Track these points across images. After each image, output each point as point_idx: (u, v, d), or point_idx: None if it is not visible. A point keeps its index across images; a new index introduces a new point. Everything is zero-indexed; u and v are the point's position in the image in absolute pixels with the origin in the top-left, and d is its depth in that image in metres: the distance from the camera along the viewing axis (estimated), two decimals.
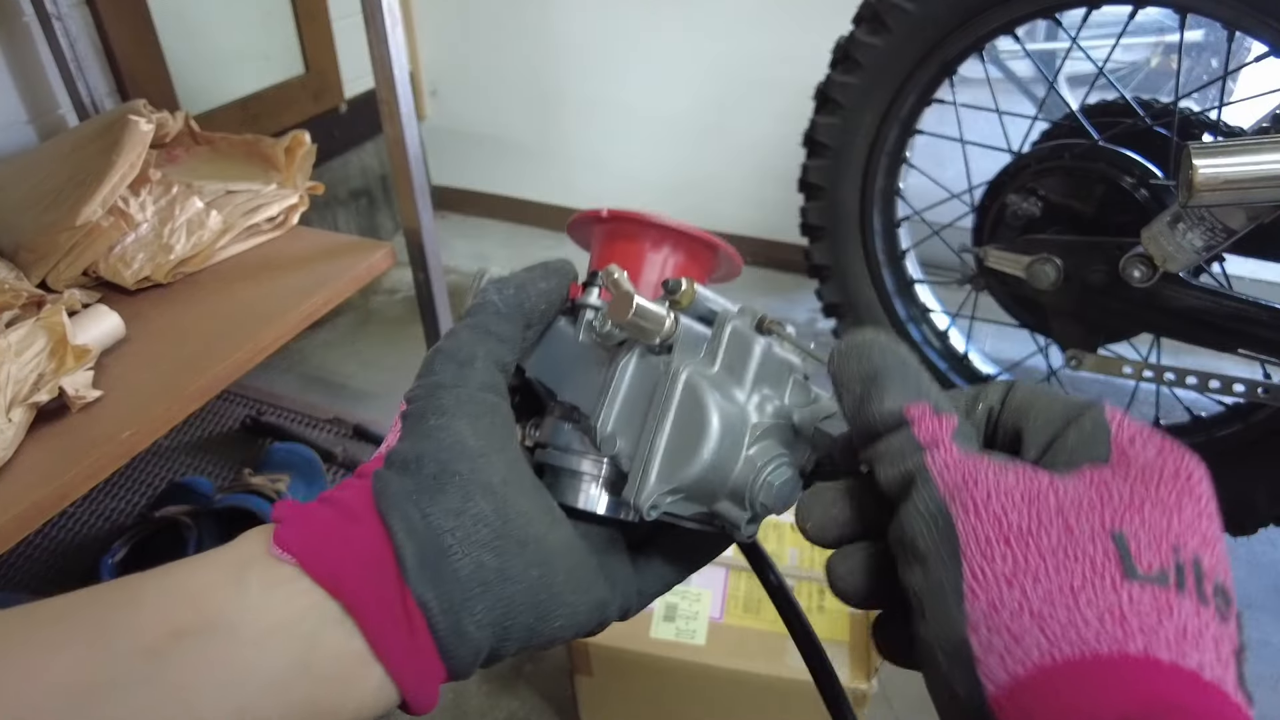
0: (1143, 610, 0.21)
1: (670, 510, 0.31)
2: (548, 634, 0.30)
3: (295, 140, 1.12)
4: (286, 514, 0.28)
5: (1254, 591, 1.22)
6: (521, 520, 0.29)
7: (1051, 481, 0.24)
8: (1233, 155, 0.80)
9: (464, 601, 0.27)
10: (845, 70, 1.17)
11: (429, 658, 0.27)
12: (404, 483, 0.28)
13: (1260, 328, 0.97)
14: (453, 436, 0.29)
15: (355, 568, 0.26)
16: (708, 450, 0.30)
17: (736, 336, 0.34)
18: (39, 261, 0.95)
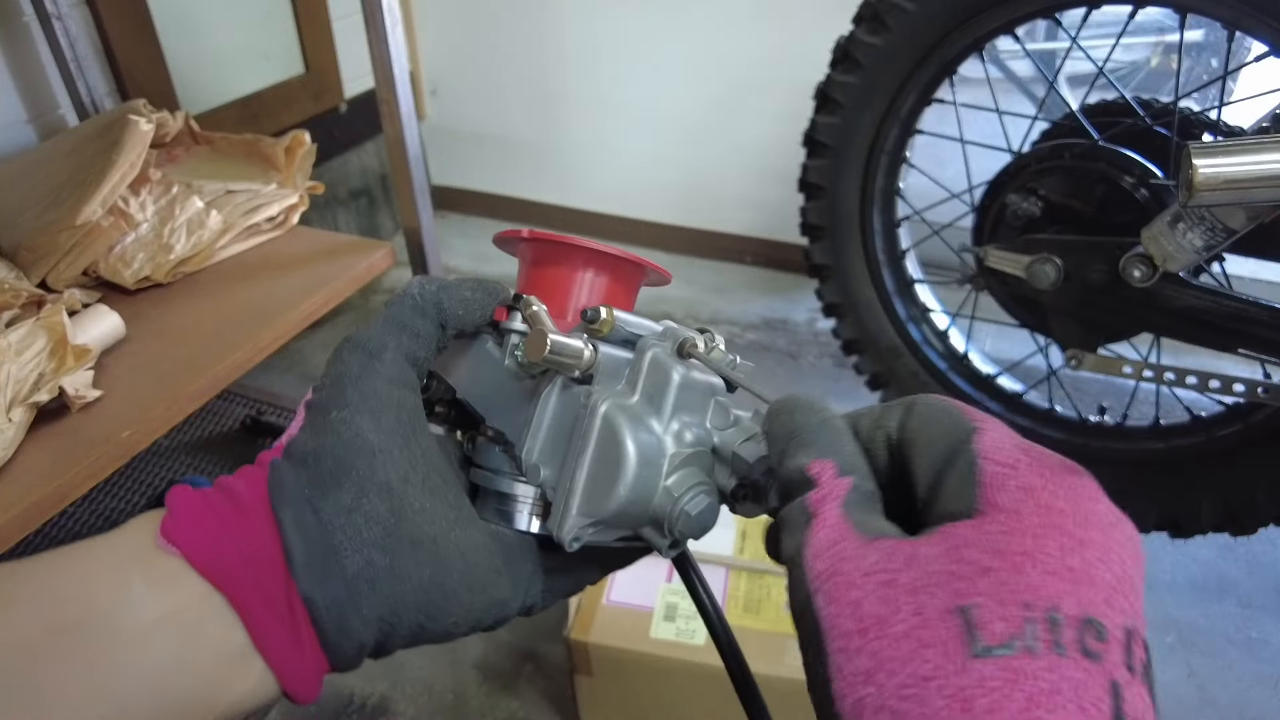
0: (991, 687, 0.21)
1: (593, 540, 0.32)
2: (439, 630, 0.30)
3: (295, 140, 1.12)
4: (177, 503, 0.28)
5: (1254, 591, 1.22)
6: (418, 519, 0.29)
7: (909, 557, 0.24)
8: (1233, 155, 0.80)
9: (350, 599, 0.27)
10: (845, 70, 1.17)
11: (312, 652, 0.27)
12: (299, 476, 0.28)
13: (1260, 327, 0.97)
14: (353, 431, 0.29)
15: (241, 562, 0.26)
16: (624, 485, 0.31)
17: (655, 365, 0.34)
18: (39, 261, 0.95)
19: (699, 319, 1.86)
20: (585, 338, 0.33)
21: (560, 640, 0.92)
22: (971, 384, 1.28)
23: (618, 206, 2.13)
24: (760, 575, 0.97)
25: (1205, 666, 1.11)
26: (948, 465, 0.26)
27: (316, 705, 1.08)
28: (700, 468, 0.34)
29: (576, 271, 0.37)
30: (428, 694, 1.08)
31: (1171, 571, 1.25)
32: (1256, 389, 1.00)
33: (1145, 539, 1.28)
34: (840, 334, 1.36)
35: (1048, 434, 1.21)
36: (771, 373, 1.68)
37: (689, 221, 2.08)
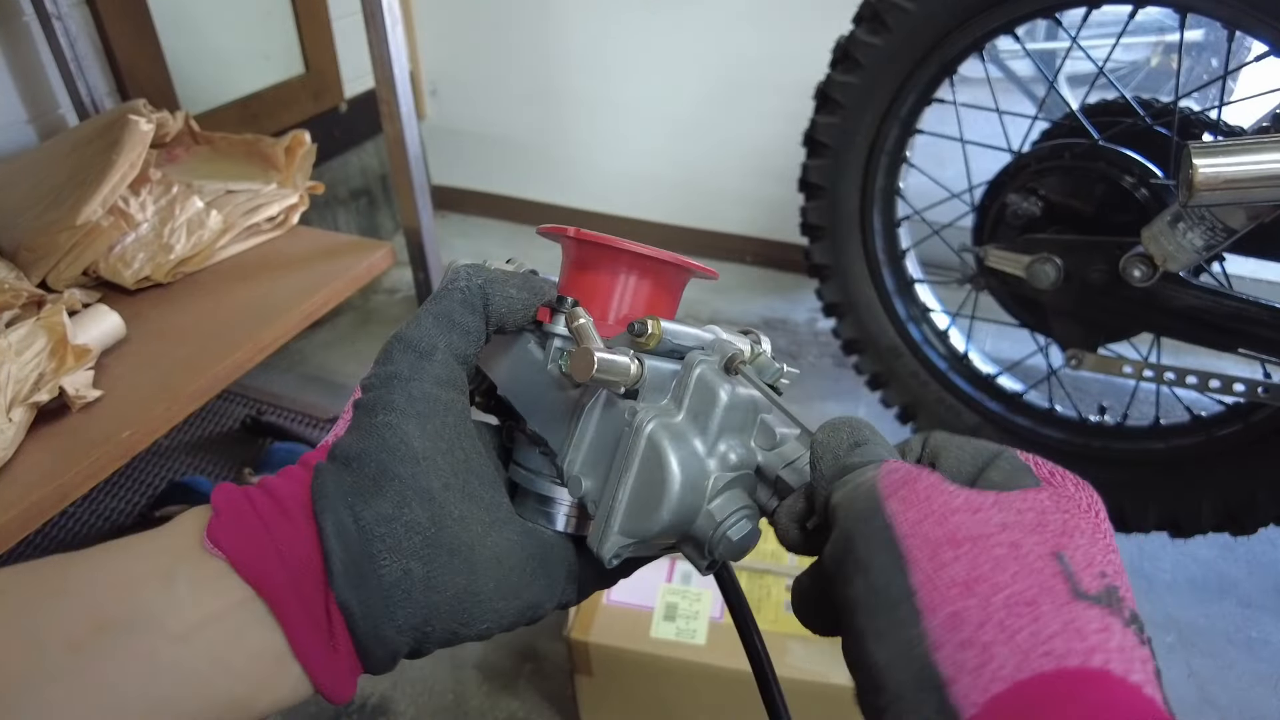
0: (1094, 627, 0.21)
1: (632, 555, 0.32)
2: (471, 635, 0.30)
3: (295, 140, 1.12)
4: (222, 504, 0.28)
5: (1254, 591, 1.22)
6: (456, 527, 0.29)
7: (995, 499, 0.24)
8: (1233, 155, 0.80)
9: (386, 607, 0.27)
10: (845, 70, 1.17)
11: (347, 656, 0.27)
12: (342, 480, 0.28)
13: (1260, 327, 0.97)
14: (399, 437, 0.29)
15: (282, 567, 0.27)
16: (668, 509, 0.31)
17: (702, 384, 0.33)
18: (39, 261, 0.95)
19: (699, 318, 1.85)
20: (631, 352, 0.33)
21: (560, 640, 0.92)
22: (972, 384, 1.28)
23: (618, 206, 2.13)
24: (761, 575, 0.97)
25: (1205, 666, 1.11)
26: (990, 465, 0.27)
27: (317, 704, 1.08)
28: (744, 489, 0.34)
29: (621, 276, 0.36)
30: (428, 694, 1.08)
31: (1171, 571, 1.25)
32: (1256, 389, 1.00)
33: (1146, 539, 1.29)
34: (840, 334, 1.36)
35: (1048, 434, 1.21)
36: None
37: (689, 221, 2.08)
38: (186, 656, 0.25)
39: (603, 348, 0.32)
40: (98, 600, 0.25)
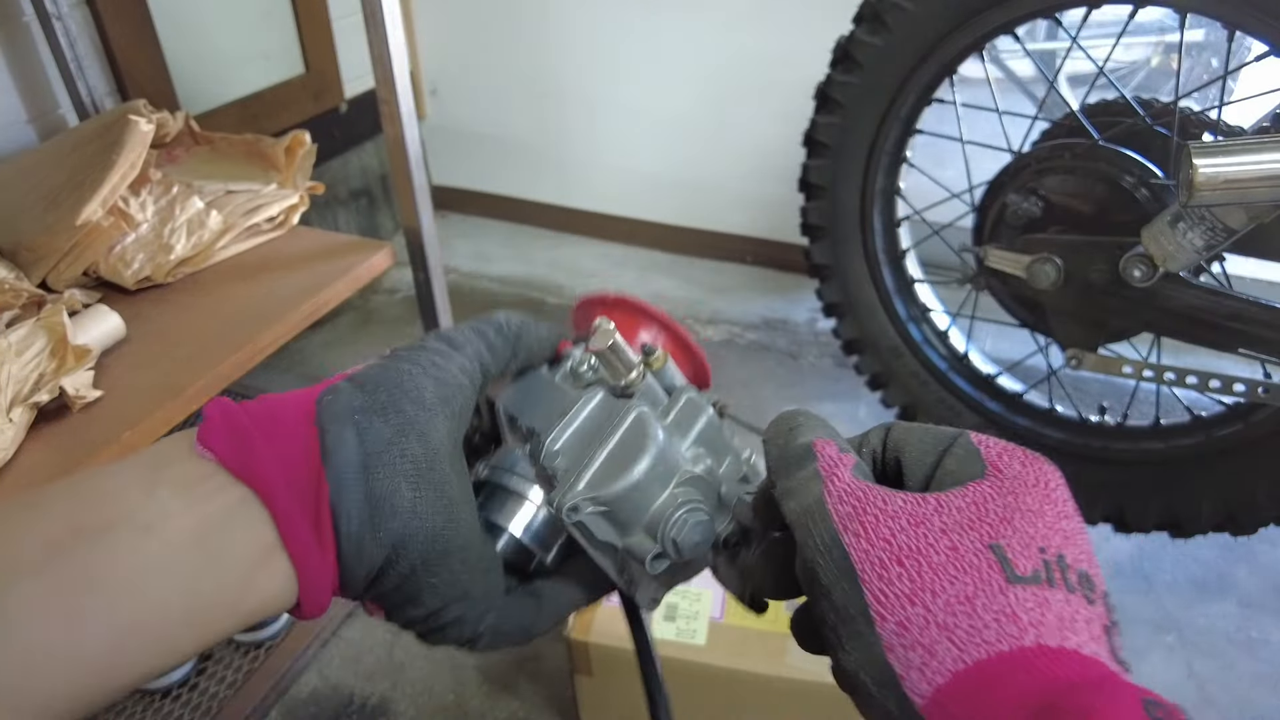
0: (1028, 607, 0.24)
1: (587, 523, 0.33)
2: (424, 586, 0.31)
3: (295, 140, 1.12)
4: (214, 412, 0.29)
5: (1254, 591, 1.22)
6: (446, 476, 0.31)
7: (936, 504, 0.27)
8: (1233, 155, 0.80)
9: (371, 517, 0.28)
10: (845, 70, 1.17)
11: (330, 559, 0.28)
12: (354, 397, 0.30)
13: (1261, 327, 0.97)
14: (414, 384, 0.31)
15: (275, 463, 0.28)
16: (639, 470, 0.33)
17: (690, 402, 0.38)
18: (39, 261, 0.95)
19: (699, 319, 1.86)
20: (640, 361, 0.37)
21: (560, 640, 0.92)
22: (972, 384, 1.28)
23: (618, 206, 2.13)
24: None
25: (1205, 666, 1.11)
26: (946, 453, 0.30)
27: (316, 705, 1.08)
28: (704, 494, 0.36)
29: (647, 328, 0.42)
30: (428, 694, 1.08)
31: (1172, 571, 1.25)
32: (1257, 389, 1.00)
33: (1146, 539, 1.29)
34: (840, 334, 1.36)
35: (1048, 434, 1.21)
36: (772, 373, 1.68)
37: (689, 221, 2.08)
38: (170, 551, 0.26)
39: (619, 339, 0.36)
40: (76, 507, 0.26)
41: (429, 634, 0.33)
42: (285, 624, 1.12)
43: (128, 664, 0.25)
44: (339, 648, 1.14)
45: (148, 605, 0.25)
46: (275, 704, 1.08)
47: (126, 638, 0.25)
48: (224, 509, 0.27)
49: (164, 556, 0.26)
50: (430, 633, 0.33)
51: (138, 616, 0.25)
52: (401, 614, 0.32)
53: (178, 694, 1.05)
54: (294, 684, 1.10)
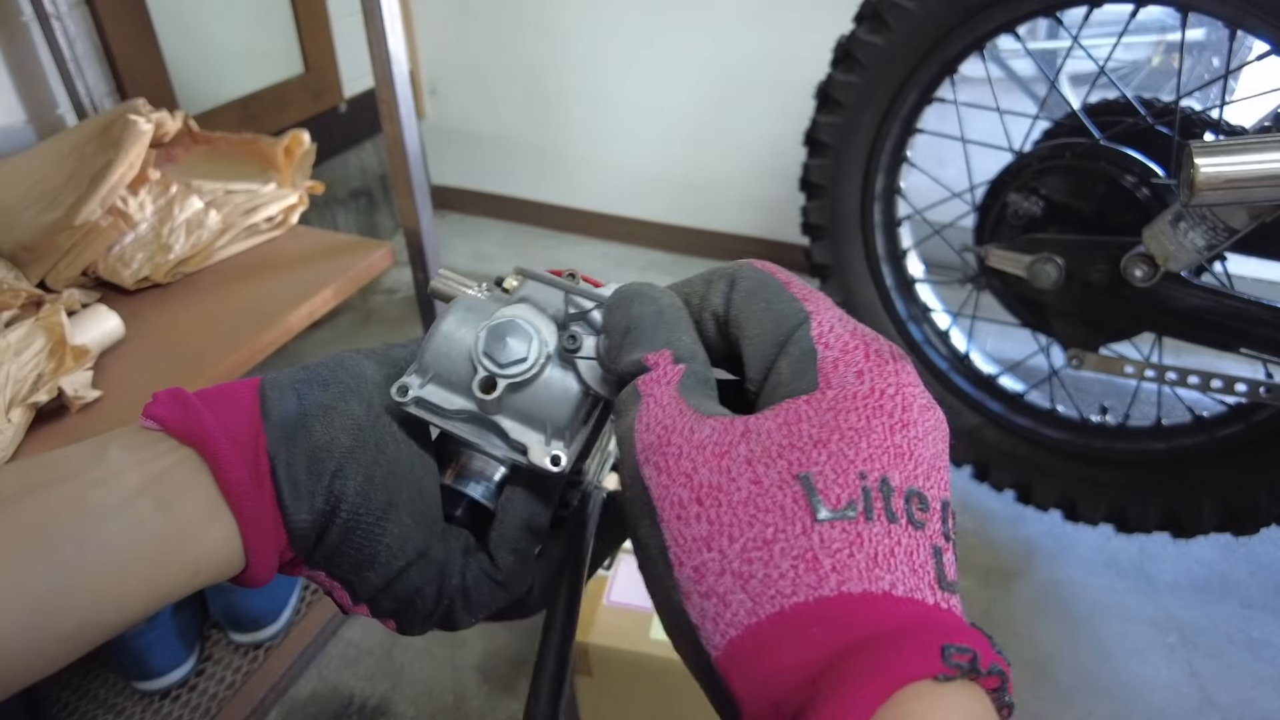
0: (834, 548, 0.22)
1: (425, 396, 0.33)
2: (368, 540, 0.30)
3: (294, 139, 1.12)
4: (160, 395, 0.30)
5: (1256, 591, 1.21)
6: (387, 433, 0.31)
7: (745, 429, 0.24)
8: (1234, 154, 0.80)
9: (309, 466, 0.29)
10: (846, 69, 1.16)
11: (270, 509, 0.28)
12: (294, 373, 0.31)
13: (1262, 327, 0.96)
14: (355, 362, 0.32)
15: (216, 425, 0.28)
16: (441, 326, 0.33)
17: (520, 271, 0.37)
18: (38, 261, 0.95)
19: None
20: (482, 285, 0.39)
21: None
22: (973, 384, 1.28)
23: (618, 206, 2.13)
24: None
25: (1207, 667, 1.11)
26: (782, 352, 0.27)
27: (315, 706, 1.07)
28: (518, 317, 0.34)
29: None
30: (428, 695, 1.08)
31: (1173, 572, 1.24)
32: (1258, 389, 0.99)
33: (1148, 539, 1.28)
34: None
35: (1050, 434, 1.21)
36: None
37: (689, 221, 2.08)
38: (119, 500, 0.26)
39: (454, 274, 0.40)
40: (28, 473, 0.27)
41: (398, 611, 0.32)
42: (284, 625, 1.12)
43: (76, 606, 0.25)
44: (338, 649, 1.14)
45: (97, 546, 0.26)
46: (274, 705, 1.08)
47: (75, 576, 0.25)
48: (169, 466, 0.28)
49: (113, 504, 0.26)
50: (400, 609, 0.32)
51: (86, 556, 0.25)
52: (363, 583, 0.31)
53: (176, 695, 1.05)
54: (293, 685, 1.10)
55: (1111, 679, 1.09)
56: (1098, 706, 1.06)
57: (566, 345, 0.33)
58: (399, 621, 0.33)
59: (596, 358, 0.33)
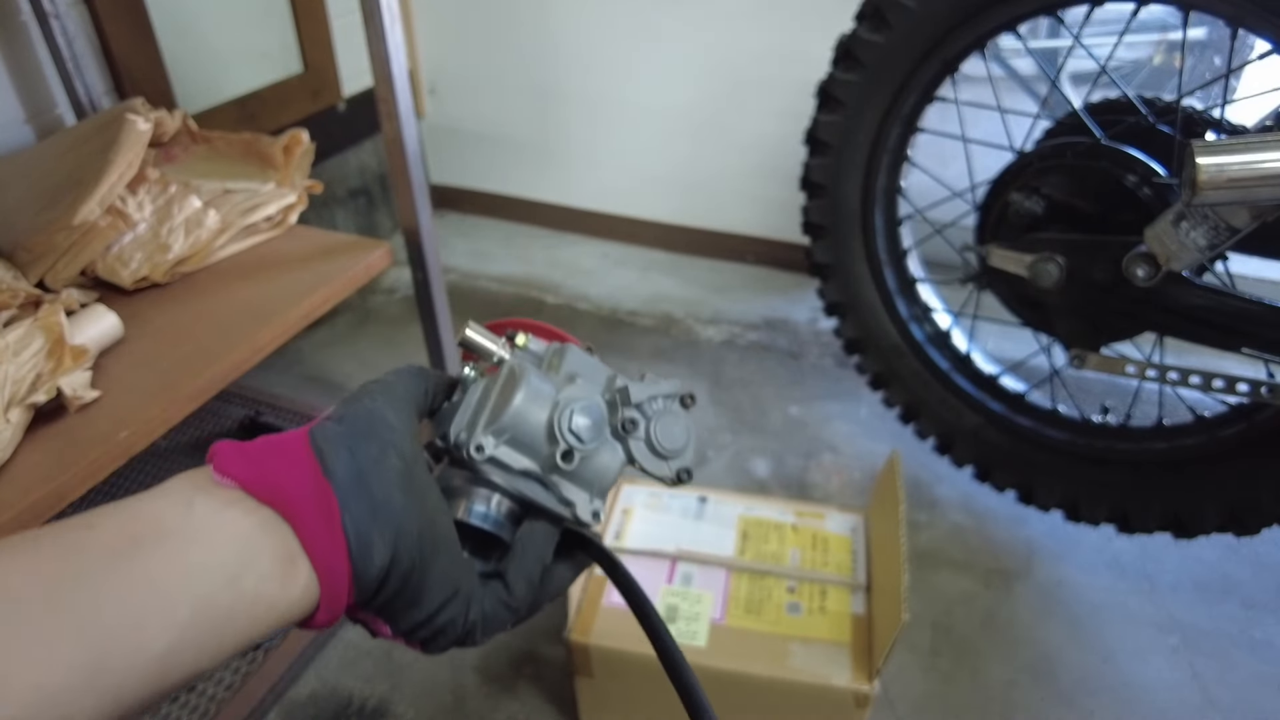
0: None
1: (498, 456, 0.39)
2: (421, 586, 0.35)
3: (293, 139, 1.12)
4: (223, 449, 0.33)
5: (1258, 592, 1.21)
6: (424, 485, 0.36)
7: None
8: (1236, 153, 0.79)
9: (374, 519, 0.33)
10: (847, 68, 1.16)
11: (344, 562, 0.32)
12: (337, 428, 0.35)
13: (1264, 327, 0.96)
14: (379, 411, 0.36)
15: (290, 485, 0.32)
16: (520, 394, 0.39)
17: (558, 349, 0.44)
18: (36, 261, 0.94)
19: (700, 318, 1.85)
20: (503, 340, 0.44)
21: (560, 641, 0.92)
22: (974, 384, 1.28)
23: (618, 205, 2.13)
24: (761, 577, 0.97)
25: (1209, 667, 1.10)
26: None
27: (315, 707, 1.07)
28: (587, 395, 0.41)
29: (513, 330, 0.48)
30: (428, 695, 1.08)
31: (1175, 573, 1.24)
32: (1260, 389, 0.99)
33: (1149, 539, 1.28)
34: (842, 333, 1.36)
35: (1051, 434, 1.21)
36: (773, 372, 1.68)
37: (690, 221, 2.07)
38: (215, 556, 0.30)
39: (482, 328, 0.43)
40: (127, 525, 0.29)
41: (431, 639, 0.37)
42: None
43: (181, 663, 0.28)
44: (337, 649, 1.14)
45: (199, 603, 0.29)
46: (274, 706, 1.07)
47: (184, 632, 0.28)
48: (254, 524, 0.31)
49: (209, 560, 0.29)
50: (432, 636, 0.37)
51: (192, 613, 0.28)
52: (406, 618, 0.36)
53: (175, 695, 1.05)
54: (292, 686, 1.10)
55: (1113, 679, 1.09)
56: (1099, 707, 1.06)
57: (626, 428, 0.42)
58: (427, 646, 0.38)
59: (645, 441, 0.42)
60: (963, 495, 1.37)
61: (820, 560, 1.00)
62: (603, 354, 1.72)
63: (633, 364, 1.69)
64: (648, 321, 1.85)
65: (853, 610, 0.93)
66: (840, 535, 1.03)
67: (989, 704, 1.06)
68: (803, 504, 1.09)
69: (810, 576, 0.97)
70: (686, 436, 0.44)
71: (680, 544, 1.00)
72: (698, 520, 1.05)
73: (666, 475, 0.44)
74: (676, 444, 0.44)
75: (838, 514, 1.07)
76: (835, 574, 0.98)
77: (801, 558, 1.00)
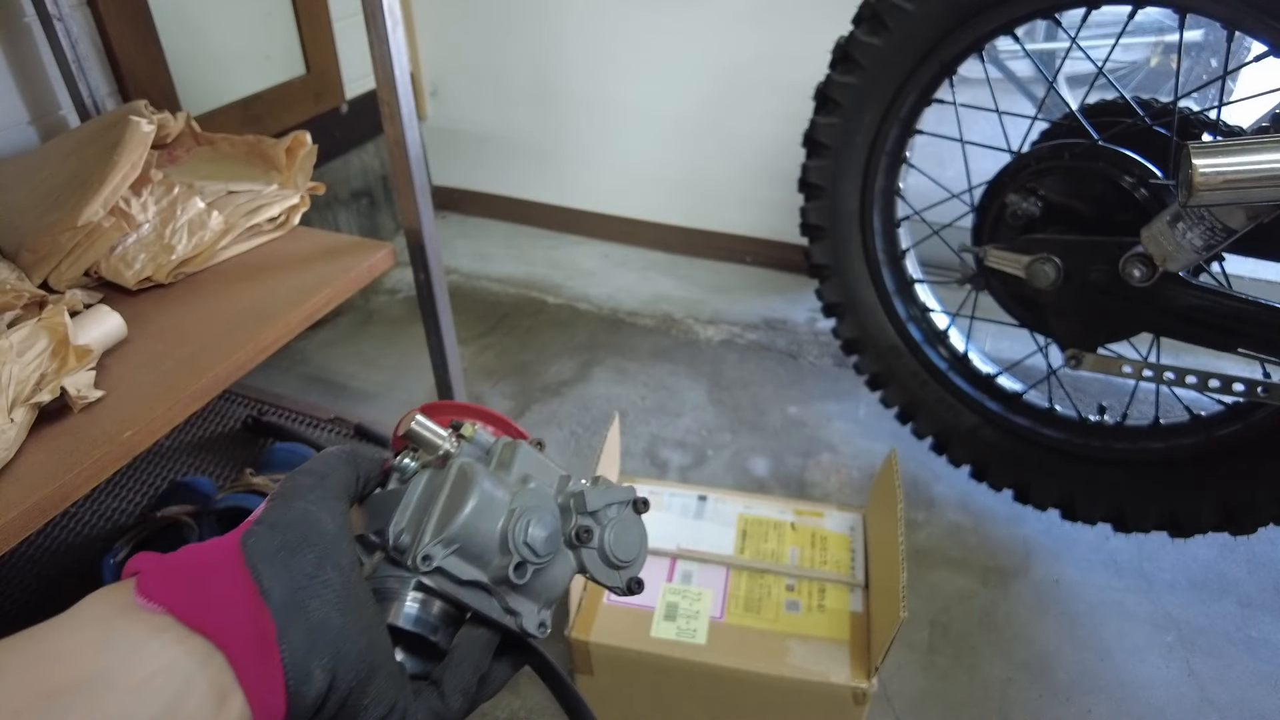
0: None
1: (446, 566, 0.36)
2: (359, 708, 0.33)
3: (296, 140, 1.12)
4: (146, 565, 0.31)
5: (1254, 591, 1.22)
6: (361, 599, 0.34)
7: None
8: (1232, 155, 0.80)
9: (310, 645, 0.30)
10: (845, 70, 1.17)
11: (279, 693, 0.30)
12: (271, 539, 0.32)
13: (1260, 327, 0.97)
14: (313, 518, 0.34)
15: (221, 609, 0.30)
16: (471, 501, 0.36)
17: (507, 444, 0.42)
18: (41, 262, 0.95)
19: (699, 318, 1.86)
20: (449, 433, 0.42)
21: (560, 640, 0.92)
22: (971, 384, 1.28)
23: (618, 206, 2.13)
24: (760, 575, 0.97)
25: (1205, 666, 1.11)
26: None
27: None
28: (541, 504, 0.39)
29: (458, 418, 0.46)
30: None
31: (1171, 571, 1.25)
32: (1256, 389, 1.00)
33: (1146, 538, 1.29)
34: (840, 334, 1.36)
35: (1048, 433, 1.21)
36: (772, 372, 1.68)
37: (689, 221, 2.08)
38: (138, 706, 0.26)
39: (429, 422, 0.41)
40: (37, 671, 0.26)
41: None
42: None
43: None
44: None
45: None
46: None
47: None
48: (178, 659, 0.28)
49: (133, 709, 0.26)
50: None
51: None
52: None
53: None
54: None
55: (1110, 678, 1.10)
56: (1096, 705, 1.06)
57: (580, 538, 0.40)
58: None
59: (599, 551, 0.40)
60: (960, 494, 1.37)
61: (819, 558, 1.00)
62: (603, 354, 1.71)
63: (632, 364, 1.70)
64: (648, 322, 1.85)
65: (851, 608, 0.93)
66: (839, 534, 1.04)
67: (986, 701, 1.06)
68: (802, 503, 1.09)
69: (809, 574, 0.97)
70: (640, 546, 0.42)
71: (680, 542, 1.01)
72: (697, 519, 1.06)
73: (618, 585, 0.42)
74: (630, 554, 0.42)
75: (836, 512, 1.08)
76: (834, 572, 0.98)
77: (800, 556, 1.00)
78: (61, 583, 1.10)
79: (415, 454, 0.42)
